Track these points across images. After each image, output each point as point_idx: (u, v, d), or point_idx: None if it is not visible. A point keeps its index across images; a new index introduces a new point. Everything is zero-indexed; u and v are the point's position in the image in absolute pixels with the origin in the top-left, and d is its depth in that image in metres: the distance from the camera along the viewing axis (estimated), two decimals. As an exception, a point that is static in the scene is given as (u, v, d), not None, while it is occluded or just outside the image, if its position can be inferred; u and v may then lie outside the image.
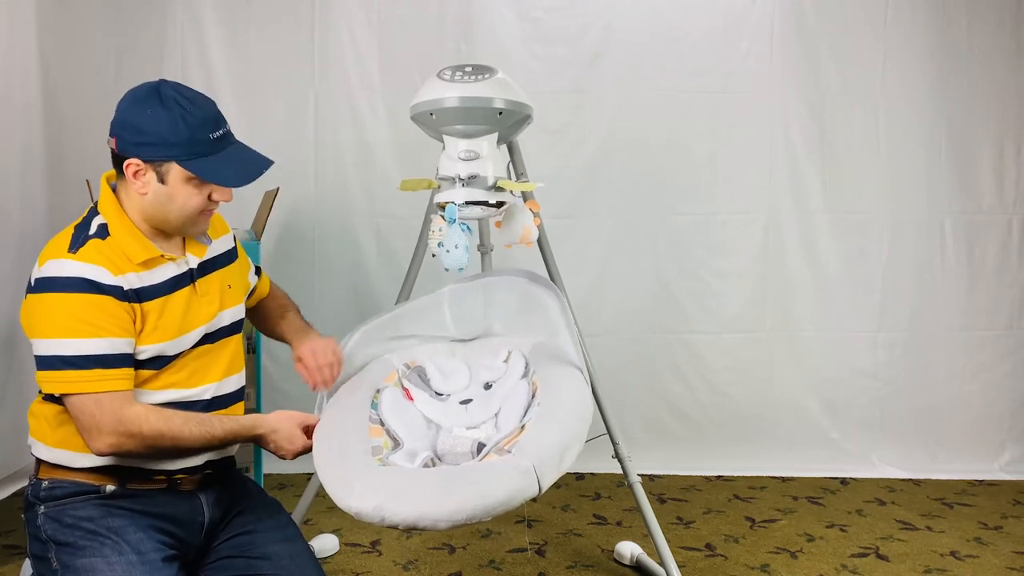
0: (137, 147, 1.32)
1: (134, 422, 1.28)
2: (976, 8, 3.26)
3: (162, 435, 1.30)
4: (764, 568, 2.40)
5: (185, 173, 1.33)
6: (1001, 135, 3.31)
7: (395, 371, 1.67)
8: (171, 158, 1.32)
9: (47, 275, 1.30)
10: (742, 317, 3.32)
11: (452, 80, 1.78)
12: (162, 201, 1.35)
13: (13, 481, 2.92)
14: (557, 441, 1.30)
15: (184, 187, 1.34)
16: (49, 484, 1.37)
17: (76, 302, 1.27)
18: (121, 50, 3.12)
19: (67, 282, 1.28)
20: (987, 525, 2.78)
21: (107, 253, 1.32)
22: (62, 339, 1.27)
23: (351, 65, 3.20)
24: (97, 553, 1.30)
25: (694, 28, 3.23)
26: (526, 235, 1.85)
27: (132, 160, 1.33)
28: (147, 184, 1.34)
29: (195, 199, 1.36)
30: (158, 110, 1.32)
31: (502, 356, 1.67)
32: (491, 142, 1.81)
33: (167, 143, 1.31)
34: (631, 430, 3.08)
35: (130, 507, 1.35)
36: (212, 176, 1.35)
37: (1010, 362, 3.37)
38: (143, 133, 1.32)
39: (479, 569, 2.36)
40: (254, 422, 1.42)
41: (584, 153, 3.26)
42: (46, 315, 1.29)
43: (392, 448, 1.43)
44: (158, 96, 1.33)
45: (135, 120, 1.33)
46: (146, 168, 1.33)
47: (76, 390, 1.27)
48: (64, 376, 1.27)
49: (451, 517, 1.17)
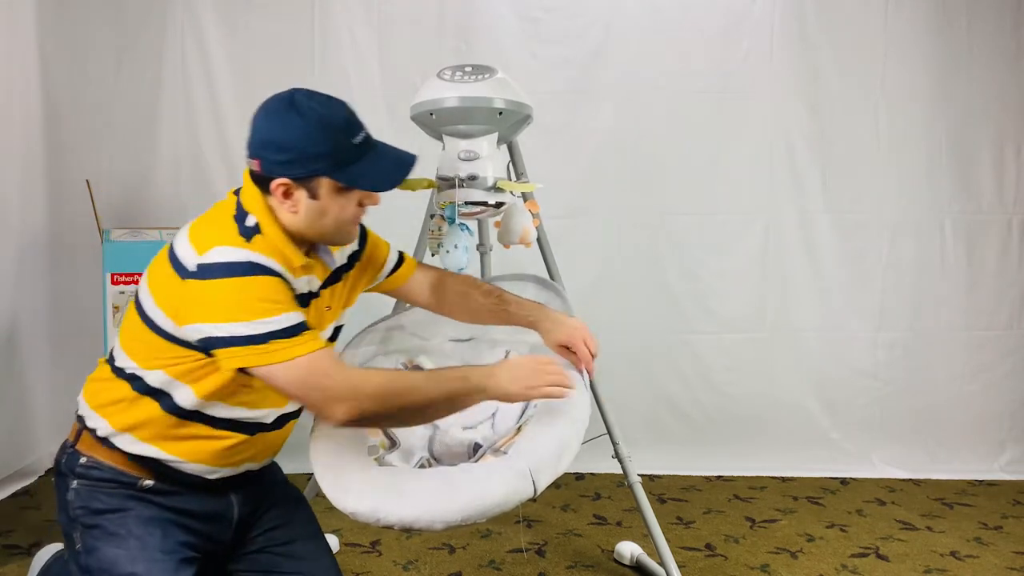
0: (283, 166, 1.27)
1: (359, 380, 1.24)
2: (976, 8, 3.26)
3: (392, 385, 1.25)
4: (764, 568, 2.40)
5: (335, 184, 1.29)
6: (1001, 135, 3.31)
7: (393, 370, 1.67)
8: (320, 172, 1.28)
9: (220, 260, 1.22)
10: (742, 317, 3.32)
11: (452, 80, 1.79)
12: (315, 217, 1.30)
13: (13, 481, 2.92)
14: (554, 443, 1.30)
15: (336, 199, 1.30)
16: (87, 462, 1.33)
17: (262, 284, 1.22)
18: (121, 50, 3.12)
19: (247, 267, 1.22)
20: (987, 525, 2.78)
21: (273, 250, 1.28)
22: (256, 320, 1.20)
23: (351, 65, 3.20)
24: (122, 545, 1.28)
25: (694, 28, 3.23)
26: (525, 235, 1.85)
27: (280, 181, 1.27)
28: (297, 202, 1.29)
29: (349, 209, 1.32)
30: (297, 122, 1.26)
31: (500, 356, 1.67)
32: (491, 142, 1.81)
33: (313, 156, 1.26)
34: (631, 430, 3.06)
35: (161, 503, 1.34)
36: (364, 183, 1.31)
37: (1010, 362, 3.37)
38: (287, 150, 1.26)
39: (479, 569, 2.36)
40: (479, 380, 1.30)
41: (584, 153, 3.26)
42: (233, 299, 1.21)
43: (388, 448, 1.43)
44: (294, 108, 1.28)
45: (276, 137, 1.27)
46: (295, 186, 1.28)
47: (286, 356, 1.20)
48: (271, 347, 1.20)
49: (447, 518, 1.17)
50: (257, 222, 1.29)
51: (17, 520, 2.64)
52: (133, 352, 1.31)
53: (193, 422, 1.32)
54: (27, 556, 2.38)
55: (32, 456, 3.04)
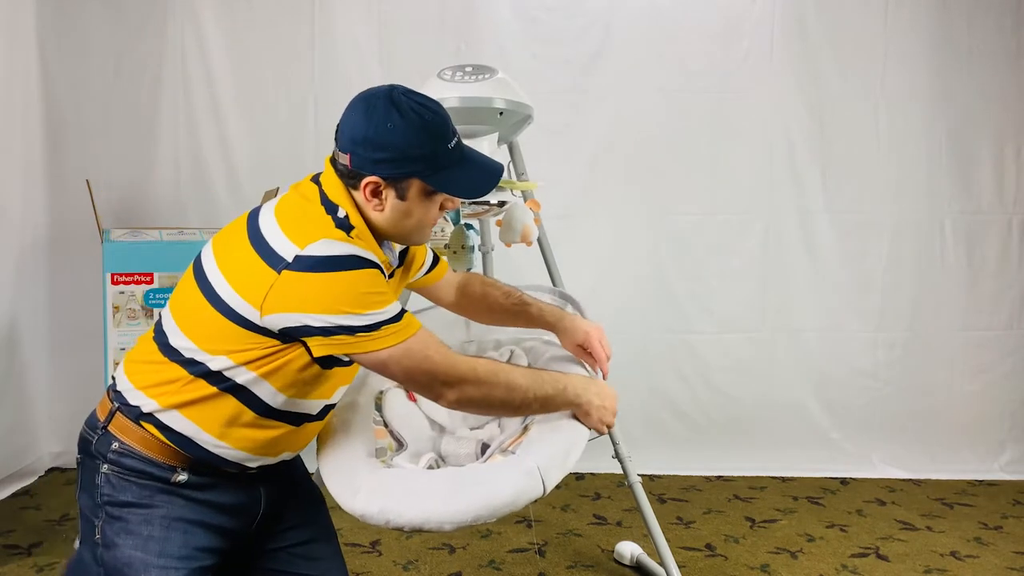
0: (377, 164, 1.24)
1: (467, 367, 1.26)
2: (976, 8, 3.26)
3: (496, 376, 1.27)
4: (764, 568, 2.40)
5: (425, 187, 1.27)
6: (1001, 135, 3.32)
7: None
8: (414, 174, 1.25)
9: (324, 253, 1.19)
10: (742, 317, 3.33)
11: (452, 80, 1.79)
12: (399, 217, 1.29)
13: (13, 481, 2.92)
14: (561, 441, 1.30)
15: (422, 202, 1.29)
16: (119, 448, 1.29)
17: (370, 276, 1.21)
18: (121, 50, 3.12)
19: (354, 260, 1.20)
20: (987, 525, 2.78)
21: (367, 243, 1.27)
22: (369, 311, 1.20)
23: (351, 65, 3.20)
24: (140, 547, 1.26)
25: (694, 28, 3.23)
26: (526, 234, 1.85)
27: (371, 179, 1.24)
28: (384, 201, 1.27)
29: (432, 212, 1.31)
30: (398, 122, 1.23)
31: (505, 356, 1.67)
32: (491, 142, 1.81)
33: (410, 158, 1.24)
34: (631, 430, 3.08)
35: (191, 497, 1.31)
36: (456, 189, 1.30)
37: (1010, 362, 3.37)
38: (384, 149, 1.23)
39: (479, 569, 2.36)
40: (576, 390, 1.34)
41: (584, 153, 3.26)
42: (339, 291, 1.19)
43: (396, 450, 1.42)
44: (395, 107, 1.24)
45: (374, 135, 1.23)
46: (385, 186, 1.25)
47: (399, 339, 1.21)
48: (381, 332, 1.21)
49: (457, 519, 1.17)
50: (347, 215, 1.26)
51: (17, 520, 2.64)
52: (196, 335, 1.27)
53: (247, 408, 1.29)
54: (27, 556, 2.38)
55: (32, 456, 3.04)
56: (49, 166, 3.11)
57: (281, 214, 1.27)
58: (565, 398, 1.32)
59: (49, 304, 3.13)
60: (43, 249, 3.11)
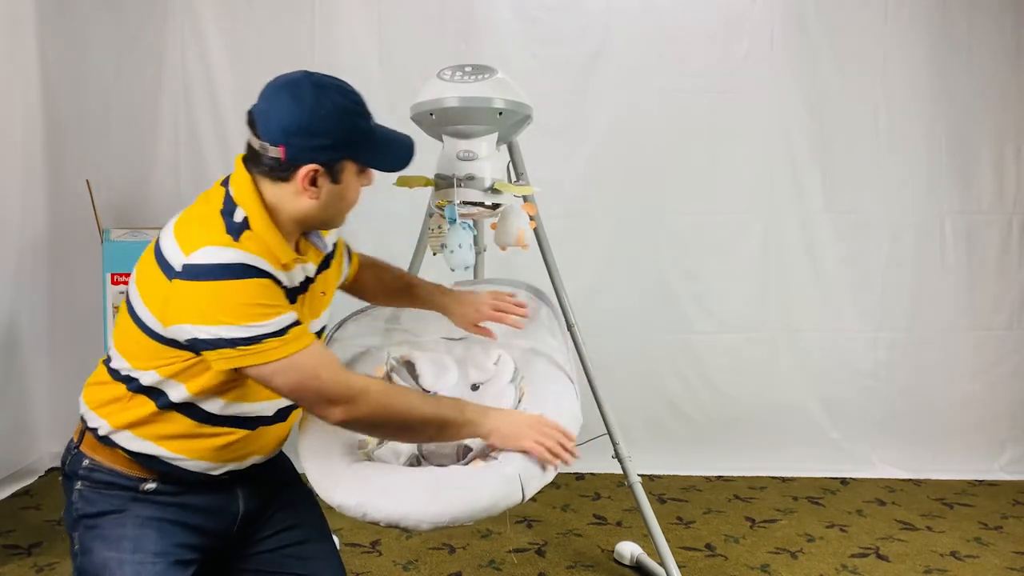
0: (315, 151, 1.23)
1: (360, 386, 1.23)
2: (976, 8, 3.26)
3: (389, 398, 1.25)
4: (764, 568, 2.40)
5: (356, 167, 1.28)
6: (1001, 135, 3.31)
7: (384, 365, 1.66)
8: (349, 156, 1.26)
9: (208, 261, 1.17)
10: (742, 317, 3.33)
11: (452, 80, 1.78)
12: (334, 202, 1.28)
13: (13, 481, 2.92)
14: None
15: (355, 182, 1.30)
16: (90, 464, 1.32)
17: (253, 287, 1.18)
18: (121, 50, 3.12)
19: (237, 269, 1.18)
20: (987, 525, 2.78)
21: (261, 247, 1.23)
22: (248, 324, 1.17)
23: (351, 65, 3.20)
24: (115, 547, 1.28)
25: (694, 28, 3.23)
26: (521, 238, 1.85)
27: (309, 167, 1.23)
28: (321, 188, 1.25)
29: (358, 191, 1.32)
30: (329, 106, 1.23)
31: (492, 358, 1.67)
32: (491, 142, 1.81)
33: (346, 141, 1.24)
34: (631, 430, 3.08)
35: (163, 502, 1.33)
36: (385, 164, 1.31)
37: (1010, 362, 3.37)
38: (322, 135, 1.22)
39: (479, 569, 2.36)
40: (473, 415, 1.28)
41: (584, 153, 3.26)
42: (222, 302, 1.17)
43: (378, 443, 1.42)
44: (322, 90, 1.25)
45: (309, 122, 1.22)
46: (323, 172, 1.24)
47: (282, 354, 1.18)
48: (263, 346, 1.17)
49: (435, 519, 1.17)
50: (246, 216, 1.23)
51: (17, 520, 2.64)
52: (126, 353, 1.28)
53: (191, 419, 1.29)
54: (27, 556, 2.38)
55: (32, 456, 3.04)
56: (49, 166, 3.11)
57: (179, 221, 1.26)
58: (463, 421, 1.28)
59: (49, 304, 3.13)
60: (43, 249, 3.11)
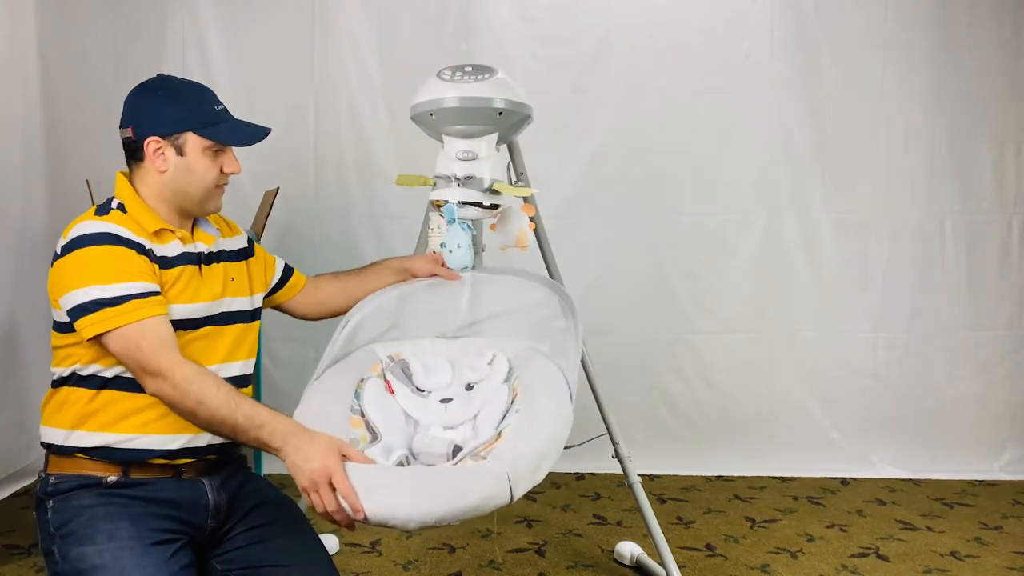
0: (153, 125, 1.43)
1: (167, 366, 1.30)
2: (976, 8, 3.26)
3: (190, 386, 1.29)
4: (764, 568, 2.40)
5: (202, 143, 1.44)
6: (1001, 135, 3.31)
7: (379, 362, 1.66)
8: (187, 128, 1.43)
9: (75, 235, 1.37)
10: (742, 317, 3.32)
11: (452, 80, 1.78)
12: (182, 174, 1.45)
13: (13, 481, 2.92)
14: (533, 451, 1.30)
15: (202, 158, 1.45)
16: (56, 479, 1.39)
17: (107, 252, 1.35)
18: (121, 50, 3.12)
19: (96, 237, 1.36)
20: (987, 525, 2.78)
21: (128, 220, 1.42)
22: (97, 285, 1.32)
23: (351, 65, 3.20)
24: (89, 542, 1.31)
25: (694, 28, 3.23)
26: (521, 239, 1.84)
27: (151, 138, 1.43)
28: (167, 160, 1.44)
29: (212, 170, 1.46)
30: (165, 91, 1.47)
31: (487, 358, 1.66)
32: (490, 142, 1.81)
33: (181, 118, 1.44)
34: (631, 430, 3.07)
35: (131, 495, 1.38)
36: (224, 138, 1.47)
37: (1010, 362, 3.37)
38: (158, 115, 1.44)
39: (479, 569, 2.36)
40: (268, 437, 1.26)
41: (584, 153, 3.25)
42: (79, 267, 1.34)
43: (369, 442, 1.42)
44: (162, 82, 1.50)
45: (148, 106, 1.46)
46: (165, 144, 1.43)
47: (113, 324, 1.31)
48: (102, 315, 1.31)
49: (422, 518, 1.17)
50: (122, 203, 1.45)
51: (17, 520, 2.65)
52: (55, 360, 1.42)
53: (124, 392, 1.38)
54: (27, 556, 2.38)
55: (32, 456, 3.04)
56: (49, 166, 3.11)
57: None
58: (258, 435, 1.27)
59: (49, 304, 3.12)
60: (43, 249, 3.10)
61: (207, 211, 1.52)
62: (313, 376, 1.57)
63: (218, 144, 1.46)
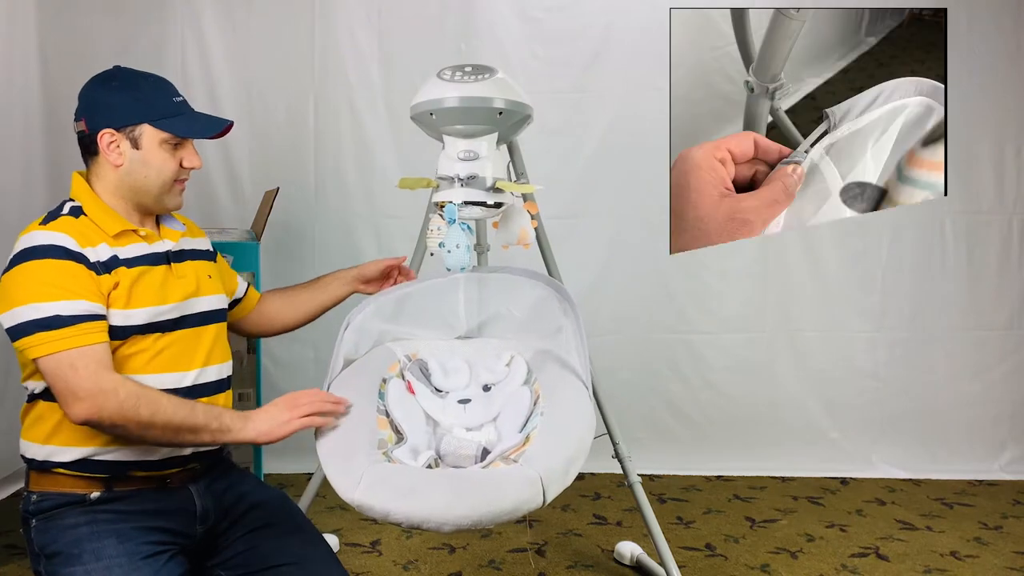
0: (107, 117, 1.38)
1: (110, 385, 1.25)
2: (976, 8, 3.26)
3: (139, 400, 1.26)
4: (764, 568, 2.40)
5: (159, 135, 1.39)
6: (1001, 135, 3.31)
7: (398, 362, 1.66)
8: (142, 120, 1.38)
9: (18, 249, 1.31)
10: (742, 317, 3.32)
11: (452, 80, 1.78)
12: (138, 168, 1.39)
13: (13, 481, 2.92)
14: (564, 455, 1.31)
15: (158, 151, 1.39)
16: (38, 497, 1.36)
17: (45, 267, 1.28)
18: (121, 50, 3.11)
19: (36, 250, 1.29)
20: (987, 525, 2.78)
21: (78, 227, 1.34)
22: (34, 304, 1.26)
23: (351, 65, 3.20)
24: (76, 562, 1.29)
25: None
26: (523, 237, 1.85)
27: (105, 131, 1.38)
28: (123, 154, 1.38)
29: (170, 164, 1.41)
30: (122, 83, 1.41)
31: (504, 359, 1.67)
32: (491, 142, 1.81)
33: (136, 109, 1.38)
34: (631, 430, 3.07)
35: (116, 510, 1.35)
36: (184, 131, 1.41)
37: (1010, 362, 3.37)
38: (112, 106, 1.38)
39: (479, 569, 2.36)
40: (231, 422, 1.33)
41: (584, 153, 3.25)
42: (17, 284, 1.28)
43: (396, 442, 1.42)
44: (116, 74, 1.43)
45: (101, 97, 1.40)
46: (119, 137, 1.38)
47: (51, 350, 1.24)
48: (38, 339, 1.25)
49: (458, 521, 1.18)
50: (78, 204, 1.39)
51: (17, 520, 2.64)
52: (24, 375, 1.37)
53: None
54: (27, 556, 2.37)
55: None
56: (49, 166, 3.11)
57: None
58: (218, 427, 1.31)
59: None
60: (43, 249, 3.10)
61: (166, 208, 1.45)
62: (326, 380, 1.55)
63: (175, 137, 1.40)
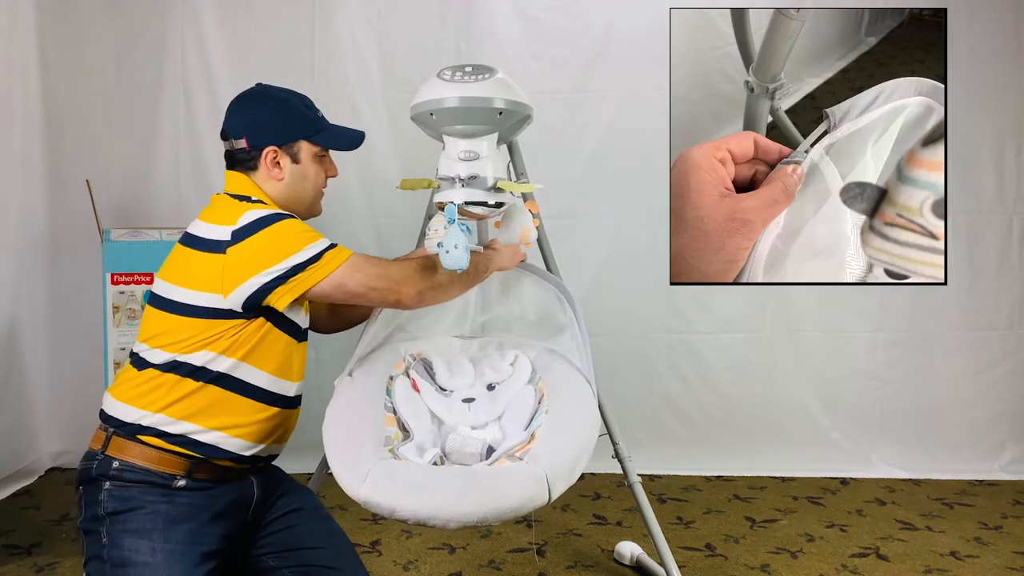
0: (270, 135, 1.50)
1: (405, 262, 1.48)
2: (976, 8, 3.26)
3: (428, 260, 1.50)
4: (764, 568, 2.40)
5: (313, 149, 1.53)
6: (1001, 135, 3.31)
7: (403, 360, 1.67)
8: (301, 137, 1.52)
9: (253, 218, 1.39)
10: (742, 317, 3.32)
11: (452, 80, 1.78)
12: (298, 181, 1.53)
13: (13, 481, 2.92)
14: (569, 453, 1.32)
15: (312, 164, 1.54)
16: (120, 465, 1.38)
17: (295, 223, 1.42)
18: (121, 50, 3.12)
19: (273, 216, 1.40)
20: (987, 525, 2.78)
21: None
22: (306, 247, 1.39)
23: (351, 65, 3.20)
24: (146, 536, 1.33)
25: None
26: (525, 236, 1.85)
27: (269, 148, 1.50)
28: (284, 168, 1.51)
29: (321, 175, 1.57)
30: (276, 99, 1.53)
31: (508, 359, 1.68)
32: (491, 142, 1.81)
33: (293, 125, 1.51)
34: (631, 430, 3.07)
35: (192, 502, 1.39)
36: (336, 143, 1.56)
37: (1010, 362, 3.37)
38: (274, 124, 1.51)
39: (479, 569, 2.36)
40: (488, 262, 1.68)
41: (584, 153, 3.26)
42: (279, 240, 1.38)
43: (402, 440, 1.43)
44: (269, 91, 1.56)
45: (258, 116, 1.52)
46: (281, 153, 1.50)
47: (340, 260, 1.40)
48: (326, 258, 1.39)
49: (463, 518, 1.19)
50: (258, 199, 1.48)
51: (17, 520, 2.65)
52: (170, 345, 1.39)
53: (229, 391, 1.40)
54: (27, 556, 2.38)
55: (32, 456, 3.04)
56: (49, 166, 3.11)
57: (204, 218, 1.48)
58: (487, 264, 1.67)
59: (49, 304, 3.13)
60: (43, 249, 3.11)
61: (313, 215, 1.59)
62: (344, 371, 1.60)
63: (324, 149, 1.55)
